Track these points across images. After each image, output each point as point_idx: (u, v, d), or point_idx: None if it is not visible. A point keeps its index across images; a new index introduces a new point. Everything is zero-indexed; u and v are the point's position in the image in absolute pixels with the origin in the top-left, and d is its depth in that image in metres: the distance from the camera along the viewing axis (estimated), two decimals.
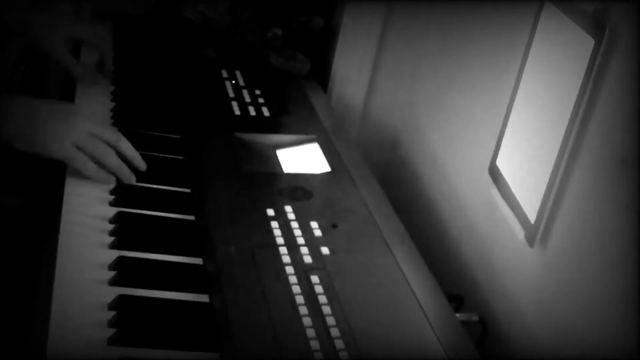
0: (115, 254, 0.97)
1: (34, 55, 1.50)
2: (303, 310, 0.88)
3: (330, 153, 1.25)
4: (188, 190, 1.15)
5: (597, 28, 0.86)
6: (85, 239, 0.99)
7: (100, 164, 1.11)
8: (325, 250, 0.99)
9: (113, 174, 1.12)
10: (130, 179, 1.13)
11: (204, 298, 0.94)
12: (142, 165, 1.16)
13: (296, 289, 0.91)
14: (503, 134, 1.07)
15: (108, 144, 1.12)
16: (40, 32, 1.33)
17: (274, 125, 1.34)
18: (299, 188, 1.13)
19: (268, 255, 0.97)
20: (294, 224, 1.04)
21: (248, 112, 1.36)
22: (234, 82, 1.47)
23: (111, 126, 1.24)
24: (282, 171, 1.19)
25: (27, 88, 1.61)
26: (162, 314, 0.90)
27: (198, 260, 1.00)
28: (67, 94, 1.38)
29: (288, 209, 1.07)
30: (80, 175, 1.10)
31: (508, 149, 1.06)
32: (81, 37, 1.41)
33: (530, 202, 0.97)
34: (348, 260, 0.99)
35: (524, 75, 1.03)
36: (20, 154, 1.10)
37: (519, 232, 0.99)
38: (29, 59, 1.57)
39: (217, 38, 1.64)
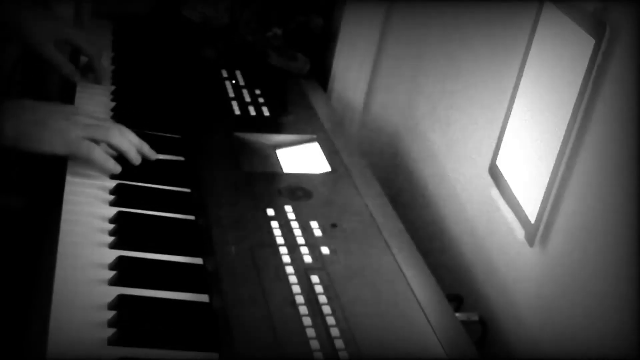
0: (115, 253, 0.97)
1: (33, 55, 1.50)
2: (303, 310, 0.88)
3: (330, 153, 1.25)
4: (188, 190, 1.15)
5: (597, 28, 0.86)
6: (85, 238, 0.99)
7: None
8: (325, 250, 0.99)
9: (123, 155, 1.14)
10: (137, 159, 1.16)
11: (204, 298, 0.94)
12: (151, 155, 1.18)
13: (296, 288, 0.91)
14: (503, 134, 1.07)
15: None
16: (30, 30, 1.34)
17: (274, 125, 1.34)
18: (299, 188, 1.13)
19: (268, 255, 0.97)
20: (294, 224, 1.04)
21: (248, 111, 1.36)
22: (234, 81, 1.47)
23: (114, 122, 1.24)
24: (282, 171, 1.19)
25: (27, 88, 1.61)
26: (162, 314, 0.90)
27: (198, 260, 1.00)
28: (67, 94, 1.38)
29: (288, 208, 1.07)
30: (92, 166, 1.11)
31: (508, 148, 1.06)
32: (70, 40, 1.40)
33: (530, 202, 0.97)
34: (348, 260, 0.99)
35: (524, 75, 1.03)
36: (20, 154, 1.10)
37: (519, 232, 0.99)
38: (29, 59, 1.57)
39: (217, 38, 1.64)
